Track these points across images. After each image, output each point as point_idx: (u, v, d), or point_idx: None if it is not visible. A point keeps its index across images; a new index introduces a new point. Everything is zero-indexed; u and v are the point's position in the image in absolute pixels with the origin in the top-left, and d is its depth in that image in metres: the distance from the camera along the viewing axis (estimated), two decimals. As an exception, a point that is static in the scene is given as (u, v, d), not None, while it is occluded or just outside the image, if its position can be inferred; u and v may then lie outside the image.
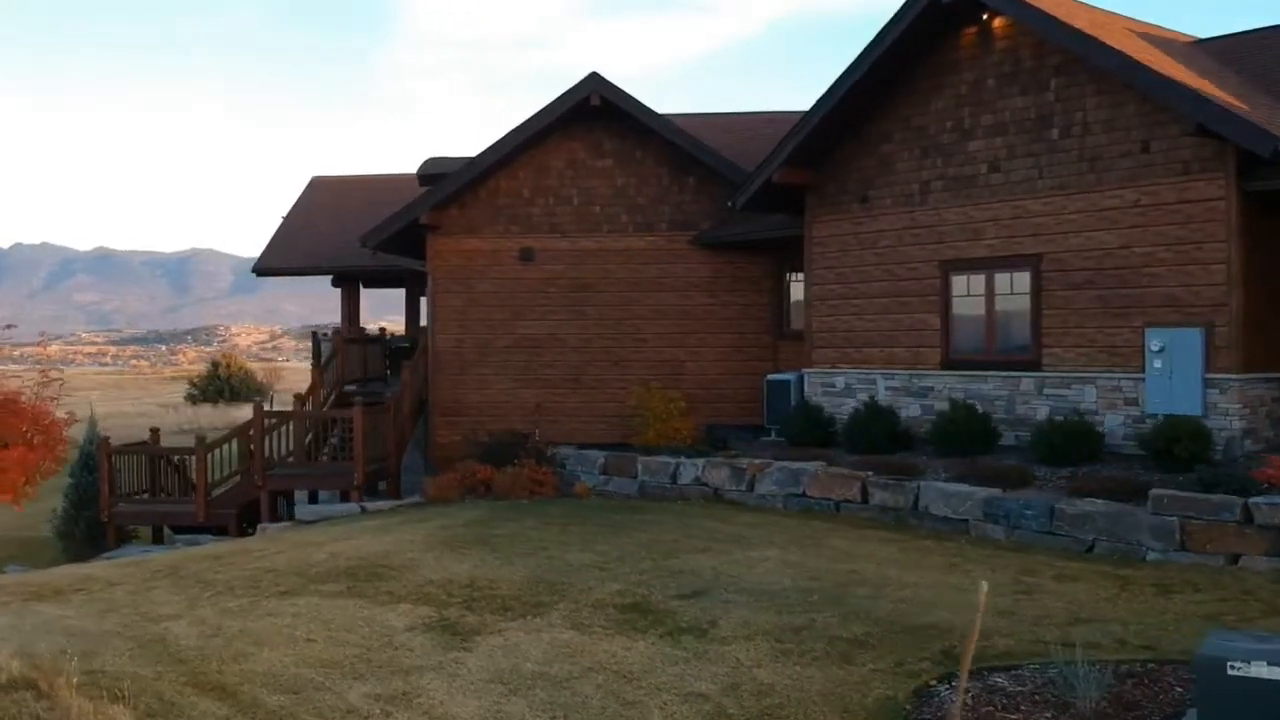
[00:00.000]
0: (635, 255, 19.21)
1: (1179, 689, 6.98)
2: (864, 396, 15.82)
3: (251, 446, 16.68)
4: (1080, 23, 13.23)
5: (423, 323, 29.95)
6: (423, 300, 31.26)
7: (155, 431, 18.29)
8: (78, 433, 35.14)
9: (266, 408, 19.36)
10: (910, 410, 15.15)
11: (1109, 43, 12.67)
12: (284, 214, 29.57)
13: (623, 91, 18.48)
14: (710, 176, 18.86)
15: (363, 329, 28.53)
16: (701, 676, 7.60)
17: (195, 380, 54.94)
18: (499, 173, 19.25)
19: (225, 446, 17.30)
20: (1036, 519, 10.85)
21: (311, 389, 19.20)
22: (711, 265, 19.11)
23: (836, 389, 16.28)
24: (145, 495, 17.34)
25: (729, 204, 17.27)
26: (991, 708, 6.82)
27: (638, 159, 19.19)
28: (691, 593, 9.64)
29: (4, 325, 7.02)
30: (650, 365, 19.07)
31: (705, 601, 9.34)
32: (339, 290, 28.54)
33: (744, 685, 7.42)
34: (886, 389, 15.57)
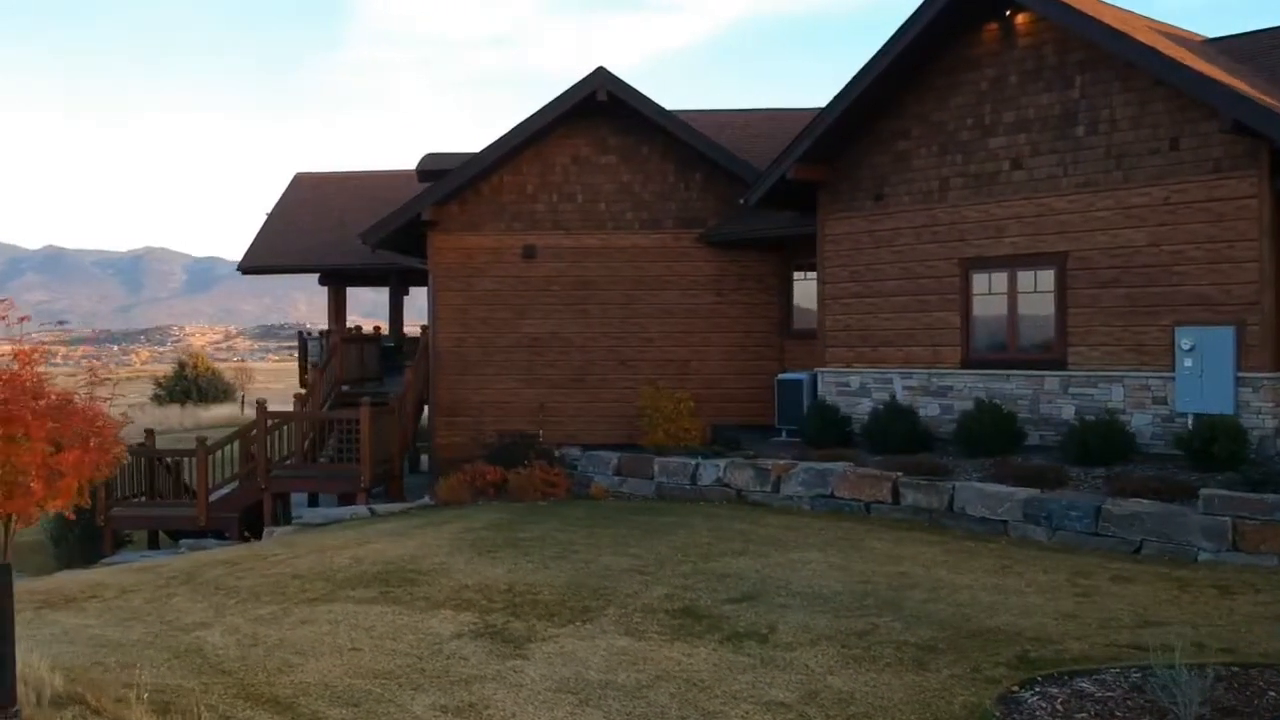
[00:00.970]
0: (640, 253, 18.93)
1: (1272, 693, 6.82)
2: (880, 396, 15.64)
3: (252, 448, 16.22)
4: (1108, 19, 13.11)
5: (408, 322, 29.58)
6: (406, 299, 30.93)
7: (150, 433, 17.77)
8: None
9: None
10: (929, 410, 14.99)
11: (1141, 40, 12.55)
12: (268, 210, 29.05)
13: (630, 87, 18.20)
14: (716, 173, 18.63)
15: (358, 328, 28.08)
16: (775, 684, 7.33)
17: (162, 380, 54.05)
18: (501, 169, 18.90)
19: (222, 449, 16.83)
20: (1081, 520, 10.69)
21: (311, 389, 18.73)
22: (717, 263, 18.87)
23: (851, 389, 16.09)
24: (141, 499, 16.84)
25: (741, 201, 17.03)
26: (1085, 714, 6.61)
27: (643, 155, 18.91)
28: (741, 597, 9.38)
29: (19, 317, 6.62)
30: (655, 365, 18.80)
31: (758, 606, 9.09)
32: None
33: (822, 693, 7.17)
34: (904, 388, 15.40)
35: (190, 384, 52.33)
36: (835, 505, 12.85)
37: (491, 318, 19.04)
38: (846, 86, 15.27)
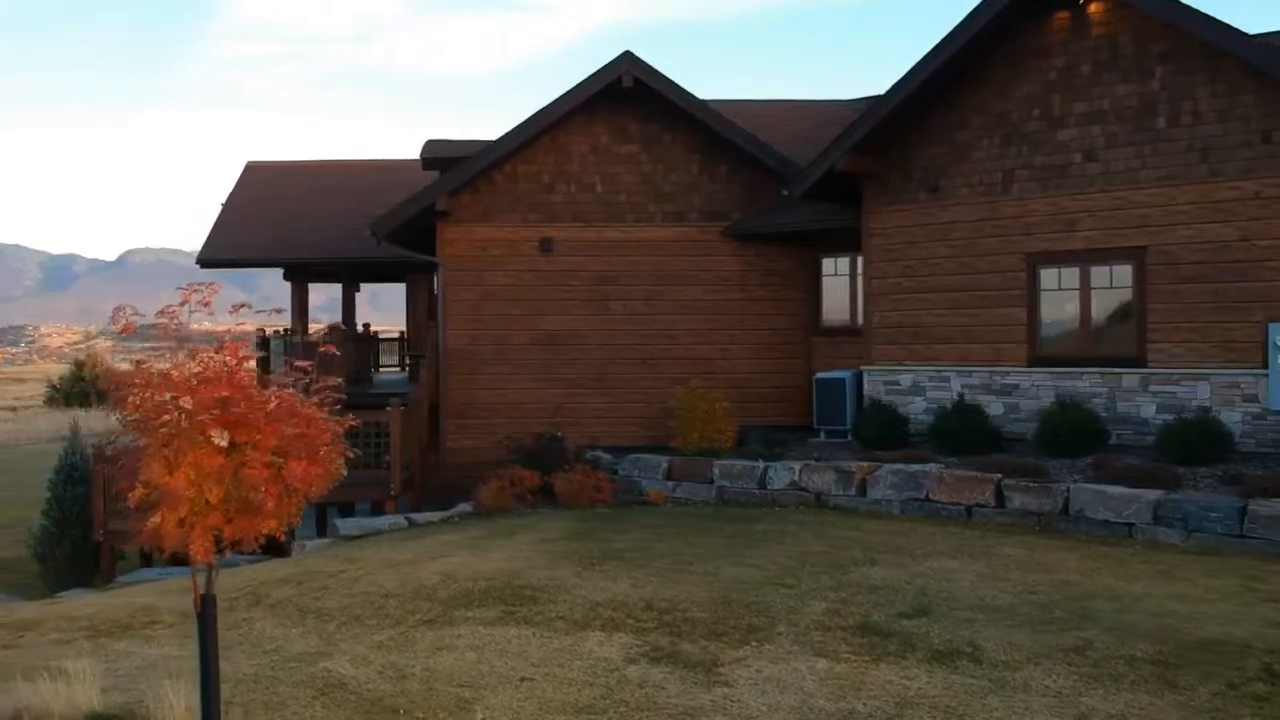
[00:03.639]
0: (663, 246, 18.13)
1: None
2: (935, 395, 15.15)
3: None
4: (1191, 8, 12.83)
5: (358, 319, 28.25)
6: (357, 296, 29.54)
7: (141, 437, 16.30)
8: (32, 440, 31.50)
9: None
10: (993, 409, 14.54)
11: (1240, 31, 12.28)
12: (222, 201, 27.41)
13: (658, 72, 17.39)
14: (742, 164, 17.96)
15: (352, 326, 26.64)
16: (1033, 709, 6.66)
17: (57, 383, 51.19)
18: (516, 157, 17.91)
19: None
20: (1223, 521, 10.29)
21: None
22: (742, 257, 18.19)
23: (902, 387, 15.57)
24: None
25: (785, 192, 16.39)
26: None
27: (666, 144, 18.12)
28: (913, 611, 8.69)
29: (132, 311, 5.60)
30: (679, 363, 18.02)
31: (939, 621, 8.41)
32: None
33: (1091, 717, 6.53)
34: (963, 387, 14.93)
35: (89, 386, 49.65)
36: (930, 509, 12.27)
37: (506, 314, 18.03)
38: (907, 75, 14.75)
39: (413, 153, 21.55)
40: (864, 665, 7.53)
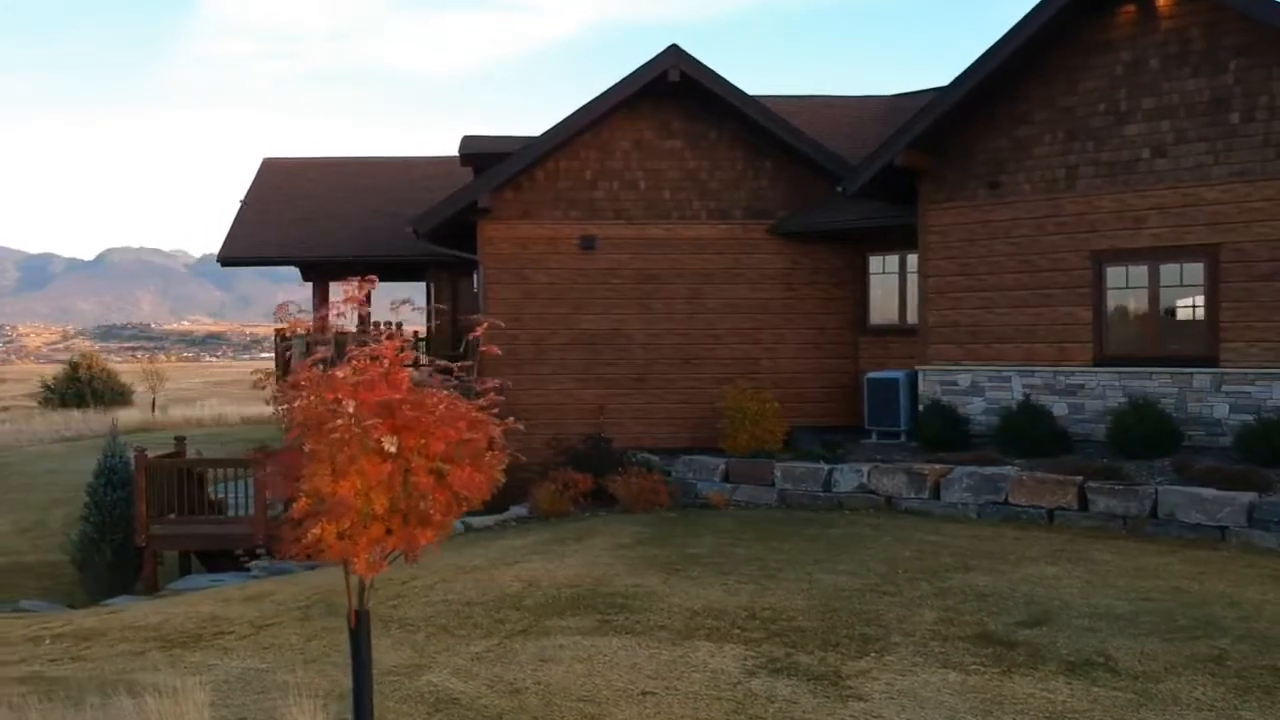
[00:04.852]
0: (707, 244, 17.82)
1: None
2: (995, 395, 14.87)
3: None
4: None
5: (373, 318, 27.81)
6: (394, 295, 29.07)
7: (181, 440, 15.91)
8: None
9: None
10: (1057, 409, 14.25)
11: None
12: (241, 199, 26.99)
13: (706, 67, 17.07)
14: (789, 161, 17.66)
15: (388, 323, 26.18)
16: (1196, 726, 6.38)
17: (51, 384, 50.58)
18: (558, 153, 17.57)
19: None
20: (1326, 525, 10.04)
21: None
22: (787, 256, 17.88)
23: (960, 388, 15.28)
24: (172, 516, 15.01)
25: (839, 189, 16.08)
26: None
27: (710, 140, 17.81)
28: (1030, 620, 8.39)
29: (297, 308, 5.28)
30: (723, 363, 17.70)
31: (1060, 631, 8.11)
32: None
33: (1262, 735, 6.25)
34: (1024, 387, 14.65)
35: (84, 386, 49.08)
36: (1009, 513, 11.98)
37: (547, 313, 17.69)
38: (969, 69, 14.46)
39: (404, 150, 21.21)
40: (996, 677, 7.22)
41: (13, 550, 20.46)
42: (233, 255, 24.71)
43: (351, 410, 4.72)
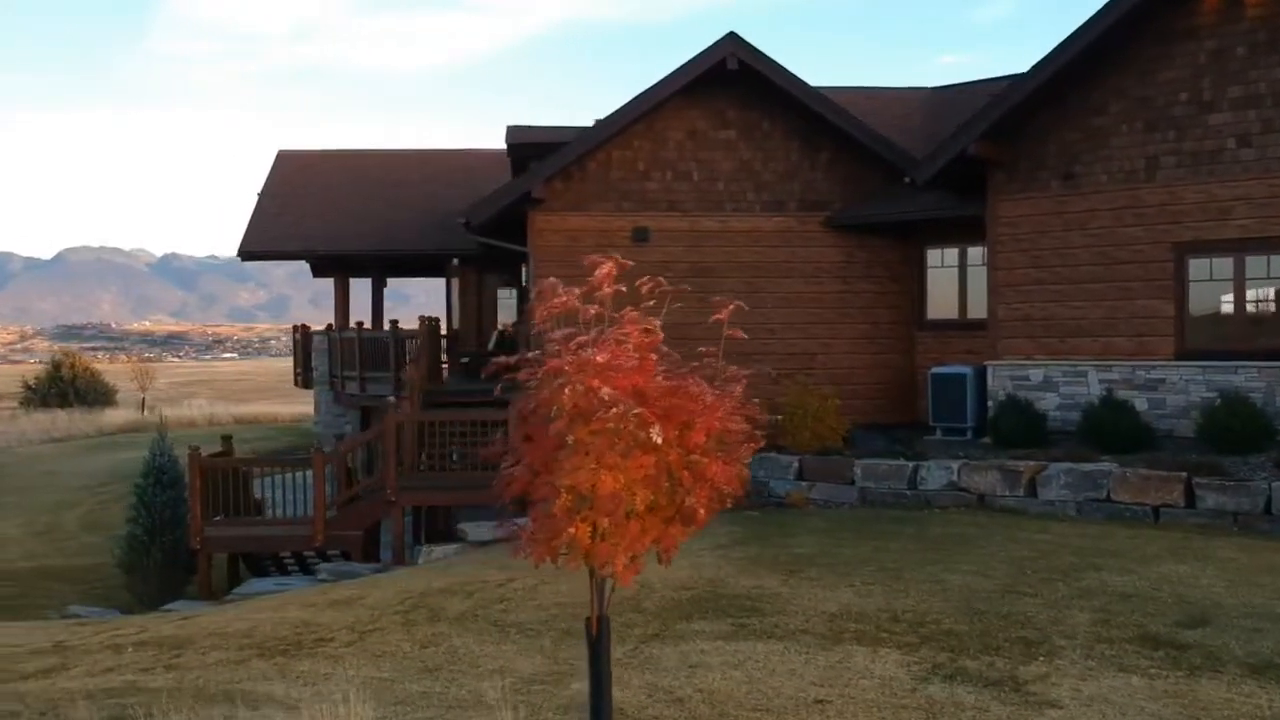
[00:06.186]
0: (762, 237, 17.46)
1: None
2: (1070, 391, 14.57)
3: (388, 454, 14.07)
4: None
5: (386, 316, 27.31)
6: (385, 291, 28.55)
7: (228, 440, 15.38)
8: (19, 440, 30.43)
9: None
10: (1137, 404, 13.96)
11: None
12: (258, 191, 26.41)
13: (764, 55, 16.71)
14: (844, 151, 17.32)
15: (380, 322, 25.71)
16: None
17: (33, 383, 49.61)
18: (610, 143, 17.15)
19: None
20: None
21: (412, 390, 16.49)
22: (843, 249, 17.55)
23: (1032, 383, 14.97)
24: (220, 517, 14.49)
25: (906, 180, 15.75)
26: None
27: (764, 131, 17.44)
28: (1189, 621, 8.07)
29: (550, 290, 4.95)
30: (779, 359, 17.27)
31: (1224, 632, 7.79)
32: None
33: None
34: (1101, 382, 14.36)
35: (67, 386, 48.19)
36: (1111, 510, 11.67)
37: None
38: (1046, 59, 14.17)
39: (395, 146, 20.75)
40: (1182, 681, 6.91)
41: (35, 554, 19.89)
42: (253, 249, 24.18)
43: (618, 399, 4.33)
